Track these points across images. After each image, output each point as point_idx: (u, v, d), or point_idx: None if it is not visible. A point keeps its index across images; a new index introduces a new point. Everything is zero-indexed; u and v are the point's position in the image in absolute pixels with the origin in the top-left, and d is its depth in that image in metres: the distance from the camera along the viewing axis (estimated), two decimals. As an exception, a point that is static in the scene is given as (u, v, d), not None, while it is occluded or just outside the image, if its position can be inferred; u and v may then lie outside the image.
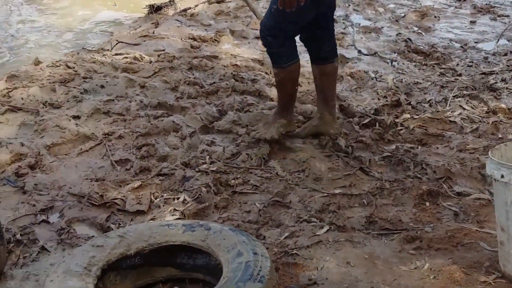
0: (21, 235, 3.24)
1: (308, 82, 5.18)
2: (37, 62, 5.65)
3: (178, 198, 3.56)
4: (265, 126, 4.22)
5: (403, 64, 5.88)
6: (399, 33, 6.73)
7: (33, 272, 2.94)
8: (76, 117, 4.59)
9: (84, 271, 2.52)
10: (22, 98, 4.90)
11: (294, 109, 4.51)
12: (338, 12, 7.47)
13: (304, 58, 4.63)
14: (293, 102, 4.26)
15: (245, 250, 2.60)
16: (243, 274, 2.45)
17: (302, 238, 3.16)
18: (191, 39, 6.29)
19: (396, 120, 4.55)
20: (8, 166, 3.96)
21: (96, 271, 2.56)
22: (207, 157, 4.00)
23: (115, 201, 3.53)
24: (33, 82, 5.17)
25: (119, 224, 3.32)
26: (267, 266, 2.51)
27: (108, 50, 6.10)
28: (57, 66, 5.49)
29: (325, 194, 3.59)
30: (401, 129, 4.42)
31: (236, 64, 5.62)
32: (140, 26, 6.96)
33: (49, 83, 5.15)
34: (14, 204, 3.55)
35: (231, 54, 5.90)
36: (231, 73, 5.36)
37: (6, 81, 5.27)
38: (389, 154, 4.04)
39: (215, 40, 6.31)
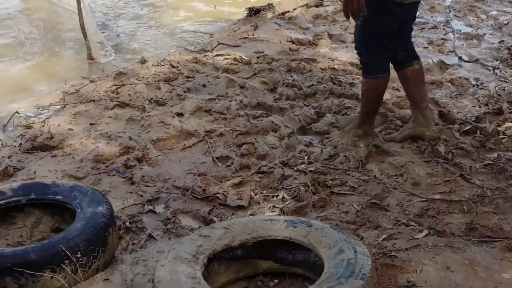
0: (130, 223, 3.44)
1: (407, 88, 5.15)
2: (143, 61, 5.93)
3: (277, 196, 3.66)
4: (341, 134, 4.27)
5: (506, 72, 5.74)
6: (502, 41, 6.57)
7: (141, 258, 3.12)
8: (180, 114, 4.79)
9: (192, 258, 2.66)
10: (129, 95, 5.17)
11: (392, 114, 4.51)
12: (438, 18, 7.38)
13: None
14: (373, 115, 4.25)
15: (346, 247, 2.66)
16: (345, 271, 2.50)
17: (400, 241, 3.17)
18: (290, 42, 6.41)
19: (498, 128, 4.46)
20: (117, 158, 4.21)
21: (203, 259, 2.69)
22: (305, 157, 4.08)
23: (217, 195, 3.67)
24: (139, 80, 5.43)
25: (221, 217, 3.46)
26: (368, 265, 2.55)
27: (209, 51, 6.31)
28: (161, 65, 5.75)
29: (424, 199, 3.59)
30: (504, 138, 4.33)
31: (334, 68, 5.68)
32: (239, 29, 7.14)
33: (154, 81, 5.41)
34: (123, 194, 3.77)
35: (329, 58, 5.96)
36: (329, 76, 5.43)
37: (114, 78, 5.57)
38: (490, 162, 3.98)
39: (313, 43, 6.38)
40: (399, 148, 4.19)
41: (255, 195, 3.69)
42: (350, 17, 3.78)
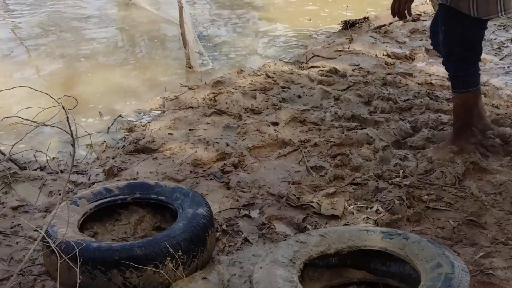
0: (226, 226, 3.56)
1: (507, 105, 5.03)
2: (239, 71, 6.09)
3: (371, 208, 3.67)
4: (435, 150, 4.22)
5: None
6: None
7: (238, 260, 3.22)
8: (275, 123, 4.89)
9: (289, 263, 2.73)
10: (226, 103, 5.32)
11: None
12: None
13: (503, 79, 4.53)
14: (466, 130, 4.18)
15: (444, 262, 2.65)
16: (443, 285, 2.50)
17: (498, 259, 3.12)
18: (386, 55, 6.39)
19: None
20: (214, 163, 4.36)
21: (300, 265, 2.75)
22: (400, 171, 4.06)
23: (311, 204, 3.73)
24: (236, 89, 5.59)
25: (315, 225, 3.52)
26: (467, 280, 2.53)
27: (304, 62, 6.39)
28: (258, 75, 5.88)
29: (524, 219, 3.50)
30: None
31: (430, 82, 5.62)
32: (334, 41, 7.18)
33: (251, 90, 5.54)
34: (219, 198, 3.90)
35: (425, 72, 5.90)
36: (426, 91, 5.38)
37: (212, 86, 5.76)
38: None
39: (410, 57, 6.34)
40: (498, 166, 4.09)
41: (349, 205, 3.72)
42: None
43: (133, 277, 2.92)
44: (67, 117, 2.87)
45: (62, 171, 4.47)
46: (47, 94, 2.94)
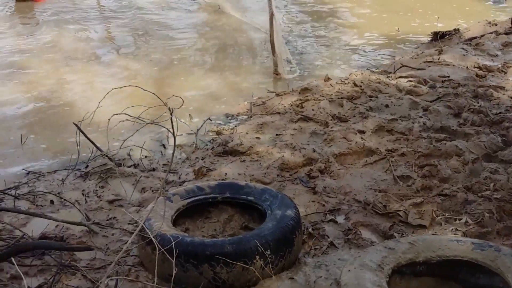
0: (312, 229, 3.62)
1: None
2: (326, 79, 6.14)
3: (459, 219, 3.64)
4: None
5: None
6: None
7: (323, 263, 3.27)
8: (361, 132, 4.91)
9: (377, 267, 2.75)
10: (313, 110, 5.38)
11: None
12: None
13: None
14: None
15: (538, 276, 2.60)
16: (536, 300, 2.46)
17: None
18: (477, 68, 6.27)
19: None
20: (301, 168, 4.42)
21: (388, 270, 2.77)
22: (491, 184, 3.99)
23: (398, 212, 3.73)
24: (323, 96, 5.64)
25: (402, 234, 3.51)
26: (563, 297, 2.48)
27: (391, 72, 6.37)
28: (345, 83, 5.91)
29: None
30: None
31: (524, 97, 5.48)
32: (422, 52, 7.10)
33: (338, 98, 5.58)
34: (306, 202, 3.96)
35: (518, 86, 5.76)
36: (519, 104, 5.26)
37: (299, 93, 5.84)
38: None
39: (502, 71, 6.19)
40: None
41: (437, 216, 3.70)
42: None
43: (223, 273, 3.03)
44: (171, 118, 3.01)
45: (154, 169, 4.66)
46: (154, 94, 3.10)
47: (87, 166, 4.71)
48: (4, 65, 7.04)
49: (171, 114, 3.04)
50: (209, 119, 5.59)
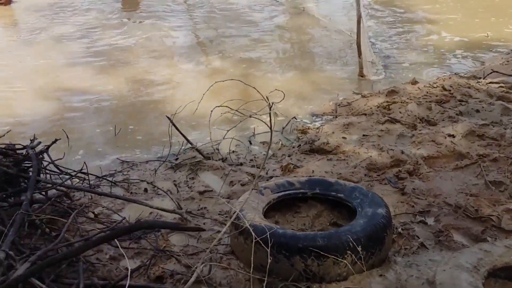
0: (402, 229, 3.61)
1: None
2: (414, 82, 6.08)
3: None
4: None
5: None
6: None
7: (414, 262, 3.26)
8: (451, 136, 4.84)
9: (473, 269, 2.73)
10: (400, 112, 5.35)
11: None
12: None
13: None
14: None
15: None
16: None
17: None
18: None
19: None
20: (389, 169, 4.41)
21: (484, 272, 2.74)
22: None
23: (491, 217, 3.67)
24: (410, 99, 5.60)
25: (495, 238, 3.45)
26: None
27: (481, 77, 6.23)
28: (433, 87, 5.84)
29: None
30: None
31: None
32: (514, 58, 6.92)
33: (426, 101, 5.52)
34: (394, 202, 3.95)
35: None
36: None
37: (386, 95, 5.81)
38: None
39: None
40: None
41: (531, 223, 3.61)
42: None
43: (314, 266, 3.08)
44: (270, 113, 3.09)
45: (241, 164, 4.76)
46: (254, 88, 3.19)
47: (177, 158, 4.87)
48: (104, 58, 7.35)
49: (270, 108, 3.12)
50: (294, 117, 5.65)
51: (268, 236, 3.01)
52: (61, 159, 4.30)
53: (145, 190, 4.33)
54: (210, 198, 4.23)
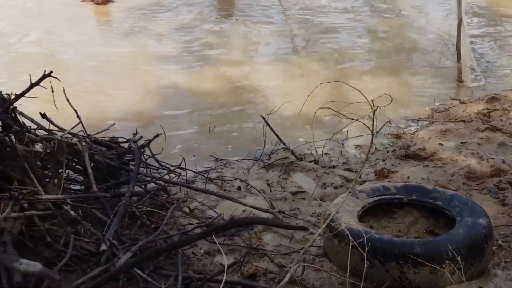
0: (502, 241, 3.48)
1: None
2: (516, 89, 5.85)
3: None
4: None
5: None
6: None
7: (515, 276, 3.14)
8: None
9: None
10: (501, 120, 5.16)
11: None
12: None
13: None
14: None
15: None
16: None
17: None
18: None
19: None
20: (488, 178, 4.26)
21: None
22: None
23: None
24: (513, 107, 5.39)
25: None
26: None
27: None
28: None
29: None
30: None
31: None
32: None
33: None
34: (494, 213, 3.81)
35: None
36: None
37: (486, 102, 5.61)
38: None
39: None
40: None
41: None
42: None
43: (410, 273, 3.02)
44: (373, 117, 3.05)
45: (334, 167, 4.73)
46: (358, 90, 3.16)
47: (270, 158, 4.91)
48: (198, 57, 7.52)
49: (373, 112, 3.08)
50: (389, 122, 5.56)
51: (365, 240, 2.98)
52: (159, 154, 4.42)
53: (239, 188, 4.39)
54: (303, 199, 4.24)
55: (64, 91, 3.76)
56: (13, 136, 3.43)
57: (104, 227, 3.44)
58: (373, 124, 3.17)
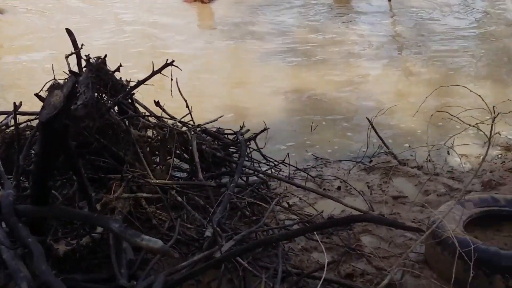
0: None
1: None
2: None
3: None
4: None
5: None
6: None
7: None
8: None
9: None
10: None
11: None
12: None
13: None
14: None
15: None
16: None
17: None
18: None
19: None
20: None
21: None
22: None
23: None
24: None
25: None
26: None
27: None
28: None
29: None
30: None
31: None
32: None
33: None
34: None
35: None
36: None
37: None
38: None
39: None
40: None
41: None
42: None
43: (516, 288, 2.90)
44: (492, 124, 2.95)
45: (438, 174, 4.61)
46: (479, 96, 3.08)
47: (371, 161, 4.85)
48: (301, 55, 7.55)
49: (493, 118, 2.98)
50: (498, 133, 5.33)
51: (472, 250, 2.89)
52: (262, 148, 4.48)
53: (338, 188, 4.37)
54: (403, 204, 4.17)
55: (176, 81, 3.88)
56: (127, 121, 3.59)
57: (204, 214, 3.54)
58: (491, 132, 3.06)
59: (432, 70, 7.02)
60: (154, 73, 3.27)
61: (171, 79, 3.54)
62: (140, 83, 3.36)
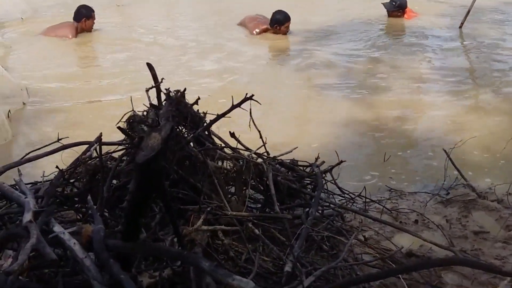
0: None
1: None
2: None
3: None
4: None
5: None
6: None
7: None
8: None
9: None
10: None
11: None
12: None
13: None
14: None
15: None
16: None
17: None
18: None
19: None
20: None
21: None
22: None
23: None
24: None
25: None
26: None
27: None
28: None
29: None
30: None
31: None
32: None
33: None
34: None
35: None
36: None
37: None
38: None
39: None
40: None
41: None
42: None
43: None
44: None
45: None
46: None
47: (448, 193, 4.71)
48: (363, 85, 7.50)
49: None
50: None
51: None
52: (336, 179, 4.42)
53: (416, 221, 4.26)
54: (485, 239, 4.01)
55: (250, 112, 3.87)
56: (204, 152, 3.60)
57: (279, 247, 3.49)
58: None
59: (507, 103, 6.83)
60: (233, 107, 3.28)
61: (250, 113, 3.55)
62: (219, 117, 3.38)
